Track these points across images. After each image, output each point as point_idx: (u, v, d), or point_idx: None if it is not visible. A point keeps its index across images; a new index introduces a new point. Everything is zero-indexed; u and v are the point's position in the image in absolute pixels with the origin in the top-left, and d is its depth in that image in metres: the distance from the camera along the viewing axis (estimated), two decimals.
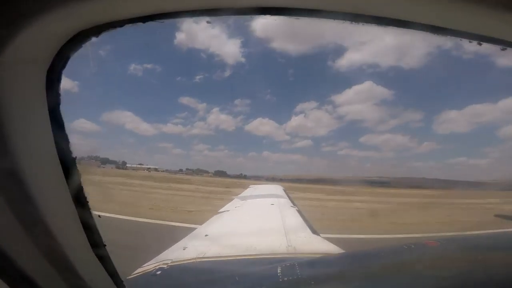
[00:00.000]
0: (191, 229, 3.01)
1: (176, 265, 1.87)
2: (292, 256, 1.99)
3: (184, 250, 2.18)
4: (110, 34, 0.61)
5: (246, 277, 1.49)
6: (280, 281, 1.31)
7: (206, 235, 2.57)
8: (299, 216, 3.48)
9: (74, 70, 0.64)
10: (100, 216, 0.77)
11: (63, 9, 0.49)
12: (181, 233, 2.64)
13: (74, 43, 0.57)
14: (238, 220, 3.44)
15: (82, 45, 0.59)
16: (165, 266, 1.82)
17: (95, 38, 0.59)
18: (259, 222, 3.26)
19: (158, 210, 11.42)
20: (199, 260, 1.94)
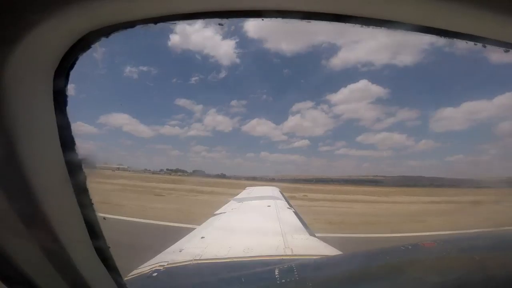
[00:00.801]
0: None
1: (172, 267, 1.86)
2: (289, 257, 2.00)
3: (180, 252, 2.17)
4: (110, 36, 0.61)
5: (243, 279, 1.49)
6: (277, 283, 1.31)
7: (202, 237, 2.57)
8: (296, 218, 3.50)
9: (79, 71, 0.64)
10: (105, 218, 0.76)
11: (75, 9, 0.49)
12: None
13: (83, 44, 0.57)
14: (234, 222, 3.44)
15: (92, 45, 0.59)
16: (161, 268, 1.80)
17: (105, 38, 0.58)
18: (256, 224, 3.26)
19: None
20: (195, 262, 1.94)
